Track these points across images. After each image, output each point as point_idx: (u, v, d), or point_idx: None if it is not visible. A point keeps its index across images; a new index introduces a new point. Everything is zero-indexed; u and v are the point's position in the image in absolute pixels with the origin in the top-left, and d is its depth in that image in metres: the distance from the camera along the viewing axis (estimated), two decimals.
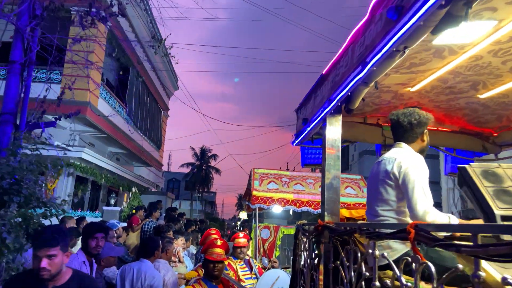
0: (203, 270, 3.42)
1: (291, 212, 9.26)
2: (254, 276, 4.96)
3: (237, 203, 74.82)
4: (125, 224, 6.30)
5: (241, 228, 18.45)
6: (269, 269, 5.81)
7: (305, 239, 3.25)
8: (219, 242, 3.45)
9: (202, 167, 45.70)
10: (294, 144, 3.98)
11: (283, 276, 4.80)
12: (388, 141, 4.04)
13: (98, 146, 14.60)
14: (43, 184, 3.82)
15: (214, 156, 46.62)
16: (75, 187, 12.54)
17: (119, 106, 13.69)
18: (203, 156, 46.25)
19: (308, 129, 3.48)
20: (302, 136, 3.76)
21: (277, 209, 10.63)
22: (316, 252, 2.94)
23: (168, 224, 5.92)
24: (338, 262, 2.41)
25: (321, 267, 2.79)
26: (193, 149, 46.73)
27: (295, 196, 7.32)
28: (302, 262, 3.31)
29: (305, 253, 3.34)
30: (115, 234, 4.66)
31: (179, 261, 5.53)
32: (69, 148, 10.28)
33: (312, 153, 4.13)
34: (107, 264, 3.96)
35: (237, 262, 4.88)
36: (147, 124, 17.16)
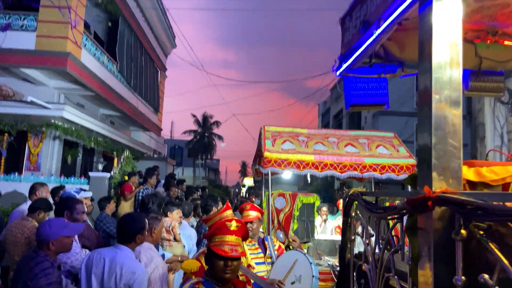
0: (207, 267, 2.13)
1: (308, 177, 7.99)
2: (269, 260, 3.70)
3: (241, 170, 74.33)
4: (90, 194, 5.02)
5: (247, 196, 17.32)
6: (287, 246, 4.58)
7: (375, 219, 1.92)
8: (234, 225, 2.13)
9: (205, 134, 44.84)
10: (339, 71, 2.58)
11: (302, 260, 3.52)
12: (486, 63, 2.63)
13: (89, 107, 13.19)
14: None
15: (217, 123, 45.63)
16: (63, 152, 11.27)
17: (108, 61, 12.17)
18: (205, 123, 45.27)
19: (374, 37, 2.06)
20: (355, 56, 2.35)
21: (286, 174, 9.37)
22: (409, 246, 1.63)
23: (154, 193, 4.60)
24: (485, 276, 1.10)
25: (423, 274, 1.48)
26: (194, 116, 45.61)
27: (316, 157, 5.98)
28: (369, 258, 2.01)
29: (371, 243, 2.03)
30: (84, 208, 3.37)
31: (175, 240, 4.28)
32: (48, 105, 8.91)
33: (362, 87, 2.74)
34: (60, 248, 2.70)
35: (245, 242, 3.55)
36: (142, 84, 15.66)
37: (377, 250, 1.96)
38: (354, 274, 2.25)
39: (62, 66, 9.03)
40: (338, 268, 5.37)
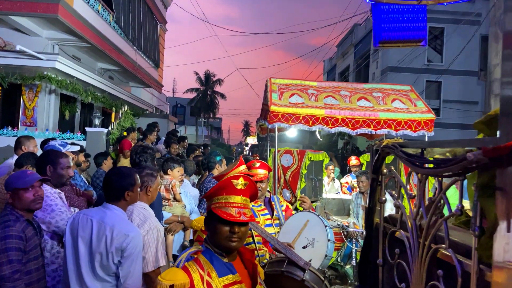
0: (208, 234, 1.75)
1: (318, 135, 7.56)
2: (276, 222, 3.35)
3: (243, 129, 74.00)
4: (77, 148, 4.63)
5: (250, 154, 17.02)
6: (296, 208, 4.25)
7: (419, 177, 1.52)
8: (241, 183, 1.73)
9: (207, 93, 44.15)
10: None
11: (315, 223, 3.16)
12: None
13: (86, 60, 12.59)
14: None
15: (219, 81, 44.82)
16: (60, 107, 10.83)
17: (103, 10, 11.41)
18: (208, 81, 44.46)
19: None
20: None
21: (291, 132, 8.95)
22: (474, 211, 1.23)
23: (143, 146, 4.16)
24: None
25: (501, 249, 1.09)
26: (197, 73, 44.67)
27: (327, 112, 5.52)
28: (408, 223, 1.62)
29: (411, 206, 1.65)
30: (70, 163, 2.97)
31: (175, 199, 3.95)
32: (39, 55, 8.36)
33: (396, 19, 2.23)
34: (18, 201, 2.41)
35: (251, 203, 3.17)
36: (140, 36, 14.90)
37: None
38: (385, 241, 1.87)
39: (53, 14, 8.39)
40: (349, 229, 5.12)
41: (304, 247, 3.00)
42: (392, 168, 1.88)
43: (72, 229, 2.41)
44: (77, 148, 4.55)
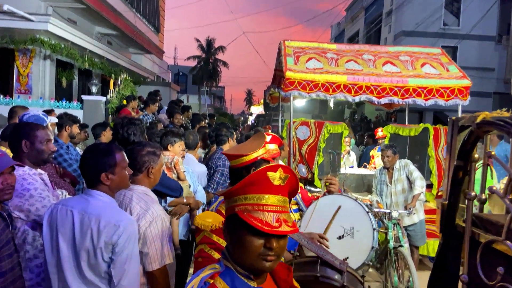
0: (229, 245, 1.22)
1: (331, 103, 6.96)
2: (295, 207, 2.80)
3: (246, 98, 72.83)
4: (55, 120, 4.10)
5: (256, 124, 16.35)
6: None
7: None
8: (279, 177, 1.19)
9: (209, 60, 43.02)
10: None
11: (352, 208, 2.64)
12: None
13: (82, 24, 11.80)
14: None
15: (222, 48, 43.56)
16: (57, 74, 10.20)
17: None
18: (210, 48, 43.23)
19: None
20: None
21: (299, 101, 8.33)
22: None
23: (131, 118, 3.46)
24: None
25: None
26: (198, 40, 43.34)
27: (349, 78, 4.91)
28: None
29: None
30: (49, 135, 2.43)
31: (178, 178, 3.42)
32: (29, 17, 7.66)
33: None
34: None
35: None
36: None
37: None
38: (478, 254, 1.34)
39: None
40: (373, 209, 4.63)
41: (340, 237, 2.50)
42: (493, 152, 1.32)
43: (51, 225, 1.91)
44: (55, 120, 4.02)
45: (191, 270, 4.02)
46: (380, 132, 7.09)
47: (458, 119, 1.48)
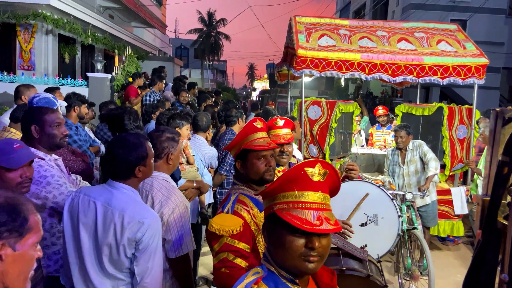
0: (269, 247, 1.17)
1: (342, 81, 6.78)
2: None
3: (248, 73, 71.87)
4: (64, 104, 4.00)
5: (261, 100, 16.07)
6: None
7: None
8: (318, 173, 1.12)
9: (211, 33, 42.20)
10: None
11: (375, 193, 2.59)
12: None
13: None
14: None
15: (223, 21, 42.64)
16: (59, 50, 10.00)
17: None
18: (211, 21, 42.33)
19: None
20: None
21: (306, 78, 8.15)
22: None
23: (120, 107, 3.40)
24: None
25: None
26: (199, 13, 42.38)
27: (363, 56, 4.77)
28: None
29: None
30: (60, 118, 2.35)
31: (188, 162, 3.37)
32: None
33: None
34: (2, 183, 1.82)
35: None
36: None
37: None
38: None
39: None
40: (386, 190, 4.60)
41: (363, 224, 2.46)
42: None
43: (72, 214, 1.87)
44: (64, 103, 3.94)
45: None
46: (380, 110, 6.93)
47: (503, 111, 1.40)
